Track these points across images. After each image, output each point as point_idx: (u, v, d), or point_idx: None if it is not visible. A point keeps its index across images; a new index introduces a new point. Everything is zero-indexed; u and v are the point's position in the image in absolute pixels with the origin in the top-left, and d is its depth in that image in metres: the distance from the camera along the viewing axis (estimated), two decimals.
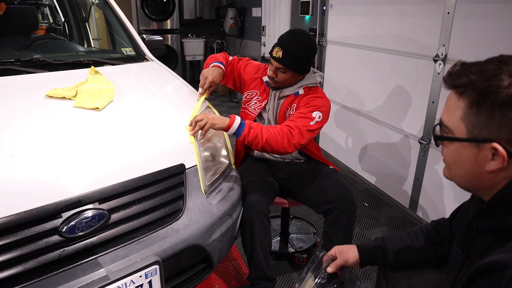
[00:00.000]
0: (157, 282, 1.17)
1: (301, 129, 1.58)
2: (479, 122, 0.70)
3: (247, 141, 1.50)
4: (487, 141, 0.69)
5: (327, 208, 1.66)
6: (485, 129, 0.69)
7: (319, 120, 1.64)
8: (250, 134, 1.48)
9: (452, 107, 0.74)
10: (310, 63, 1.73)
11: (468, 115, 0.71)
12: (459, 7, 2.07)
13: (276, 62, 1.68)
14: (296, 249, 2.17)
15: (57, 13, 2.88)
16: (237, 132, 1.48)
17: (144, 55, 2.05)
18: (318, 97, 1.72)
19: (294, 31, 1.71)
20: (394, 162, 2.77)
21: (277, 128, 1.55)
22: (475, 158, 0.72)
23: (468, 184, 0.78)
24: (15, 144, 1.12)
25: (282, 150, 1.55)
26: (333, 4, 3.36)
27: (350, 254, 1.12)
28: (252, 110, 1.84)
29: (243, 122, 1.50)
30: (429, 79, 2.30)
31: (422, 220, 2.51)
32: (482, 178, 0.74)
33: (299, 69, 1.70)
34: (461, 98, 0.72)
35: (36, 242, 1.00)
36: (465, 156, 0.74)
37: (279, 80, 1.73)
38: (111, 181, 1.13)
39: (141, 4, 5.95)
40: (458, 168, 0.77)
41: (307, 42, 1.67)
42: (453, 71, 0.75)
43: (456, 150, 0.75)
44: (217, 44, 6.77)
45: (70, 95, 1.40)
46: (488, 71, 0.69)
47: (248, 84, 1.89)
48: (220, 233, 1.38)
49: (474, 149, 0.72)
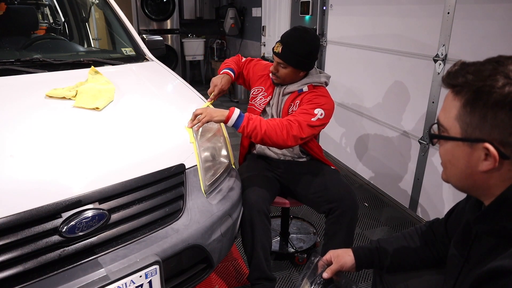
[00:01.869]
0: (157, 282, 1.17)
1: (301, 123, 1.58)
2: (473, 122, 0.70)
3: (246, 133, 1.51)
4: (479, 141, 0.69)
5: (329, 208, 1.66)
6: (478, 129, 0.69)
7: (321, 117, 1.64)
8: (249, 125, 1.50)
9: (449, 106, 0.74)
10: (311, 60, 1.72)
11: (463, 114, 0.71)
12: (459, 7, 2.07)
13: (276, 57, 1.71)
14: (296, 249, 2.17)
15: (57, 13, 2.88)
16: (236, 123, 1.50)
17: (144, 55, 2.05)
18: (321, 95, 1.72)
19: (296, 27, 1.73)
20: (394, 162, 2.77)
21: (277, 121, 1.56)
22: (469, 158, 0.72)
23: (463, 184, 0.78)
24: (15, 144, 1.12)
25: (282, 143, 1.54)
26: (333, 4, 3.36)
27: (346, 258, 1.11)
28: (258, 105, 1.86)
29: (242, 114, 1.51)
30: (429, 79, 2.30)
31: (422, 220, 2.51)
32: (476, 178, 0.74)
33: (298, 65, 1.70)
34: (457, 97, 0.72)
35: (36, 242, 1.00)
36: (459, 155, 0.74)
37: (280, 75, 1.74)
38: (111, 181, 1.13)
39: (141, 4, 5.95)
40: (453, 168, 0.77)
41: (307, 38, 1.67)
42: (451, 71, 0.75)
43: (451, 150, 0.76)
44: (217, 44, 6.77)
45: (70, 95, 1.40)
46: (484, 71, 0.69)
47: (255, 81, 1.92)
48: (220, 233, 1.38)
49: (468, 148, 0.72)
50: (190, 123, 1.43)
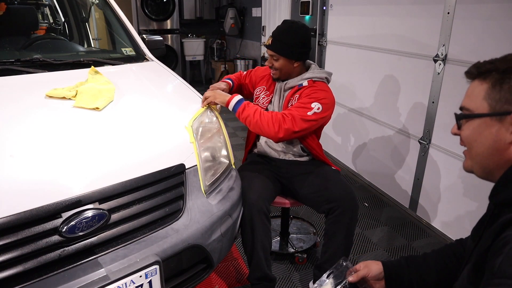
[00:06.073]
0: (157, 282, 1.17)
1: (295, 116, 1.61)
2: (502, 98, 0.74)
3: (241, 118, 1.65)
4: (508, 114, 0.73)
5: (329, 208, 1.66)
6: (507, 103, 0.74)
7: (317, 111, 1.64)
8: (244, 112, 1.63)
9: (475, 91, 0.79)
10: (302, 49, 1.73)
11: (491, 93, 0.76)
12: (459, 7, 2.07)
13: (268, 49, 1.76)
14: (296, 249, 2.17)
15: (57, 13, 2.88)
16: (234, 108, 1.65)
17: (144, 55, 2.05)
18: (321, 90, 1.72)
19: (284, 20, 1.79)
20: (394, 162, 2.77)
21: (272, 114, 1.62)
22: (497, 132, 0.76)
23: (489, 162, 0.79)
24: (15, 144, 1.11)
25: (273, 134, 1.60)
26: (333, 4, 3.36)
27: (374, 266, 1.10)
28: (261, 104, 1.88)
29: (242, 100, 1.65)
30: (429, 79, 2.30)
31: (422, 220, 2.52)
32: (503, 153, 0.76)
33: (289, 55, 1.72)
34: (485, 81, 0.77)
35: (36, 242, 1.00)
36: (486, 132, 0.77)
37: (276, 67, 1.77)
38: (111, 181, 1.13)
39: (141, 4, 5.95)
40: (480, 146, 0.79)
41: (294, 28, 1.72)
42: (477, 63, 0.81)
43: (477, 127, 0.79)
44: (217, 44, 6.76)
45: (70, 95, 1.40)
46: (508, 57, 0.76)
47: (257, 83, 1.96)
48: (220, 233, 1.38)
49: (496, 123, 0.76)
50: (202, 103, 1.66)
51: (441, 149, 2.30)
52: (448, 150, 2.24)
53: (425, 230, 2.46)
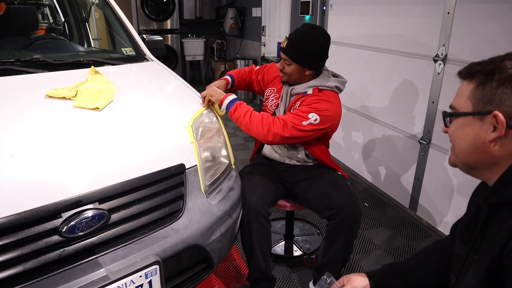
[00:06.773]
0: (157, 282, 1.17)
1: (287, 123, 1.56)
2: (484, 97, 0.77)
3: (233, 118, 1.64)
4: (489, 113, 0.76)
5: (330, 214, 1.63)
6: (488, 103, 0.76)
7: (314, 122, 1.57)
8: (236, 112, 1.62)
9: (463, 91, 0.82)
10: (317, 58, 1.66)
11: (475, 93, 0.79)
12: (459, 7, 2.07)
13: (282, 52, 1.69)
14: (304, 251, 2.17)
15: (57, 13, 2.88)
16: (227, 107, 1.64)
17: (144, 55, 2.05)
18: (324, 100, 1.63)
19: (304, 24, 1.71)
20: (394, 162, 2.77)
21: (263, 116, 1.60)
22: (478, 130, 0.78)
23: (471, 159, 0.82)
24: (15, 144, 1.11)
25: (262, 137, 1.59)
26: (333, 4, 3.36)
27: (359, 279, 1.10)
28: (269, 106, 1.85)
29: (236, 100, 1.63)
30: (429, 79, 2.30)
31: (422, 220, 2.52)
32: (484, 151, 0.79)
33: (303, 62, 1.64)
34: (471, 81, 0.80)
35: (36, 242, 1.00)
36: (468, 129, 0.80)
37: (286, 72, 1.71)
38: (111, 181, 1.13)
39: (141, 4, 5.94)
40: (462, 142, 0.82)
41: (312, 35, 1.62)
42: (468, 64, 0.83)
43: (461, 125, 0.82)
44: (217, 44, 6.76)
45: (70, 95, 1.40)
46: (495, 59, 0.79)
47: (269, 83, 1.91)
48: (220, 233, 1.38)
49: (478, 122, 0.78)
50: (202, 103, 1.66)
51: (441, 149, 2.30)
52: (448, 150, 2.24)
53: (425, 230, 2.46)
